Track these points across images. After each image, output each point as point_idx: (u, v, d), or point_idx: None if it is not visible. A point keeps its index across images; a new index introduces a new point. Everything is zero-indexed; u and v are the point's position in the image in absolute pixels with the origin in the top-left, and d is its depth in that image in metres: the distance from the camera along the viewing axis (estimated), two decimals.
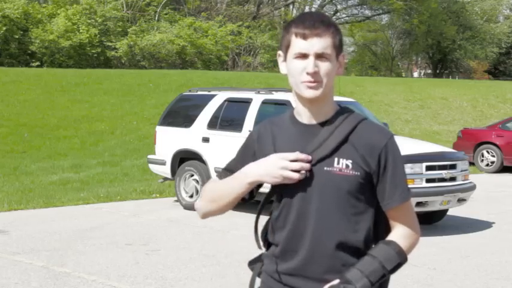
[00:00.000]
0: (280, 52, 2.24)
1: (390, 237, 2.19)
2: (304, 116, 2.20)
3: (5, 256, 7.06)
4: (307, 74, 2.11)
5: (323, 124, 2.18)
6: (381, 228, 2.23)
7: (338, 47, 2.16)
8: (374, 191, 2.18)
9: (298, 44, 2.13)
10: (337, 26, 2.17)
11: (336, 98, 10.49)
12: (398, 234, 2.19)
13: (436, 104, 25.83)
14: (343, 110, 2.22)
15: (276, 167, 2.11)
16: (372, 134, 2.17)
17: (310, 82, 2.11)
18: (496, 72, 54.11)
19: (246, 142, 2.34)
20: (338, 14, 55.15)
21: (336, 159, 2.13)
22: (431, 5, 49.76)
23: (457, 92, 27.75)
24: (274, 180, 2.13)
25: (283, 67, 2.23)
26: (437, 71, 55.81)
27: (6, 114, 18.55)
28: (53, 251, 7.34)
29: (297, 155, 2.10)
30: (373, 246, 2.18)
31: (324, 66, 2.12)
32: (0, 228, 8.50)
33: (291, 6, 53.92)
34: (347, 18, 56.27)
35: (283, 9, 53.11)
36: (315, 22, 2.13)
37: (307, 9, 54.26)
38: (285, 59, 2.21)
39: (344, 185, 2.12)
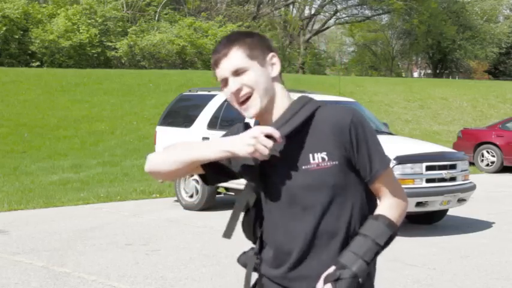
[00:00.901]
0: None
1: (378, 210, 2.16)
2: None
3: (5, 256, 7.06)
4: (233, 94, 2.12)
5: (276, 122, 2.13)
6: (371, 205, 2.19)
7: (256, 54, 2.13)
8: (357, 170, 2.13)
9: (216, 73, 2.16)
10: (244, 36, 2.15)
11: (336, 98, 10.39)
12: (386, 205, 2.15)
13: (436, 104, 25.83)
14: (298, 100, 2.17)
15: (251, 136, 2.03)
16: (334, 115, 2.10)
17: (243, 103, 2.12)
18: (496, 72, 54.12)
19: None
20: (338, 14, 55.16)
21: (310, 155, 2.09)
22: (431, 5, 49.77)
23: (457, 92, 27.75)
24: (246, 150, 2.01)
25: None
26: (437, 71, 55.81)
27: (6, 114, 18.55)
28: (53, 251, 7.34)
29: (272, 129, 2.04)
30: (365, 223, 2.14)
31: (245, 78, 2.11)
32: (0, 228, 8.50)
33: (291, 6, 53.92)
34: (347, 18, 56.25)
35: (283, 9, 53.10)
36: (219, 48, 2.14)
37: (307, 9, 54.29)
38: None
39: (327, 178, 2.08)
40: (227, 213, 2.40)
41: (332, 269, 2.08)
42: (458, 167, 9.12)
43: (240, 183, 2.26)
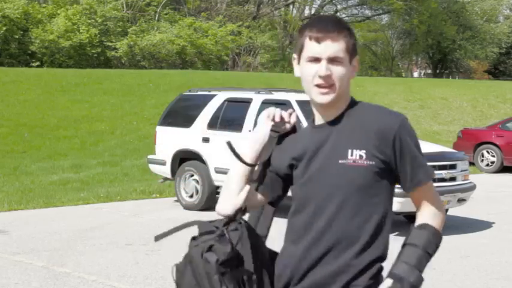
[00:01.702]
0: (294, 55, 2.23)
1: (421, 219, 2.17)
2: (316, 117, 2.22)
3: (5, 256, 7.05)
4: (320, 77, 2.10)
5: (333, 122, 2.18)
6: (389, 217, 2.19)
7: (351, 51, 2.15)
8: (392, 177, 2.16)
9: (311, 48, 2.12)
10: (351, 30, 2.17)
11: None
12: (428, 214, 2.18)
13: (436, 104, 25.83)
14: (352, 103, 2.21)
15: (263, 116, 2.23)
16: (382, 118, 2.13)
17: (323, 87, 2.11)
18: (496, 72, 54.11)
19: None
20: (338, 14, 55.11)
21: (349, 150, 2.10)
22: (431, 5, 49.76)
23: (457, 92, 27.75)
24: (265, 127, 2.22)
25: (296, 70, 2.22)
26: (437, 71, 55.81)
27: (6, 114, 18.55)
28: (53, 251, 7.33)
29: (279, 110, 2.21)
30: (410, 233, 2.15)
31: (337, 70, 2.11)
32: (0, 228, 8.50)
33: (291, 6, 53.91)
34: (347, 18, 56.17)
35: (283, 9, 53.09)
36: (328, 26, 2.12)
37: (307, 9, 54.30)
38: (298, 62, 2.20)
39: (357, 176, 2.09)
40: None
41: (390, 282, 2.06)
42: (458, 167, 9.12)
43: None
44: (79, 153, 15.70)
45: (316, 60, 2.11)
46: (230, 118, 10.23)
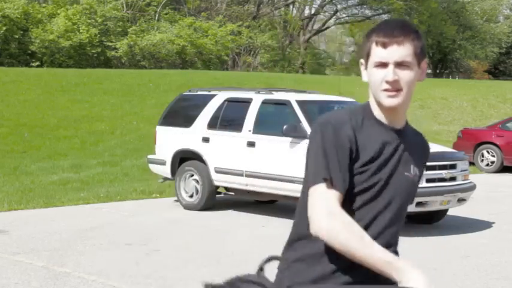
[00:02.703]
0: (362, 60, 2.22)
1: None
2: (384, 119, 2.22)
3: (5, 256, 7.05)
4: (387, 82, 2.11)
5: (400, 131, 2.23)
6: None
7: (419, 54, 2.16)
8: None
9: (378, 53, 2.12)
10: (418, 33, 2.16)
11: (336, 98, 10.37)
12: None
13: (436, 104, 25.83)
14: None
15: None
16: (423, 140, 2.36)
17: (390, 91, 2.11)
18: (496, 72, 54.10)
19: (337, 143, 2.11)
20: (338, 13, 55.16)
21: (411, 165, 2.23)
22: (431, 5, 49.78)
23: (457, 92, 27.75)
24: None
25: (364, 75, 2.21)
26: (437, 71, 55.81)
27: (6, 114, 18.55)
28: (53, 251, 7.33)
29: None
30: None
31: (404, 75, 2.12)
32: (0, 228, 8.50)
33: (291, 6, 53.90)
34: (347, 18, 56.25)
35: (283, 9, 53.09)
36: (394, 30, 2.12)
37: (307, 9, 54.26)
38: (366, 67, 2.20)
39: (413, 190, 2.28)
40: (227, 213, 2.39)
41: None
42: (458, 166, 9.12)
43: (240, 183, 2.24)
44: (79, 153, 15.69)
45: (384, 65, 2.12)
46: (230, 118, 10.23)
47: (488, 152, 16.99)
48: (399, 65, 2.10)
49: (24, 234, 8.16)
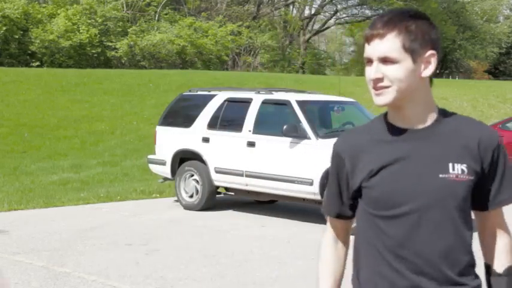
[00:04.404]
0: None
1: (504, 258, 2.21)
2: (397, 121, 2.02)
3: (5, 256, 7.05)
4: (370, 80, 1.94)
5: (423, 130, 1.98)
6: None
7: (414, 47, 1.89)
8: (474, 192, 2.02)
9: (365, 49, 1.94)
10: (404, 23, 1.90)
11: (336, 98, 10.34)
12: (508, 248, 2.20)
13: (436, 104, 25.82)
14: (444, 113, 2.06)
15: None
16: (481, 131, 1.99)
17: (376, 89, 1.93)
18: (496, 72, 54.13)
19: (333, 169, 2.09)
20: (338, 14, 55.18)
21: (450, 164, 1.94)
22: (431, 5, 49.81)
23: (457, 92, 27.75)
24: None
25: None
26: (437, 71, 55.51)
27: (6, 114, 18.56)
28: (53, 251, 7.33)
29: None
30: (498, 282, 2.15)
31: (390, 71, 1.89)
32: (0, 228, 8.50)
33: (291, 6, 53.93)
34: (347, 18, 56.29)
35: (283, 9, 53.11)
36: (378, 23, 1.91)
37: (307, 9, 54.28)
38: None
39: (461, 192, 1.96)
40: (227, 213, 2.39)
41: None
42: None
43: (240, 183, 2.23)
44: (79, 153, 15.70)
45: (370, 62, 1.93)
46: (230, 118, 10.23)
47: None
48: (384, 60, 1.89)
49: (24, 234, 8.16)
